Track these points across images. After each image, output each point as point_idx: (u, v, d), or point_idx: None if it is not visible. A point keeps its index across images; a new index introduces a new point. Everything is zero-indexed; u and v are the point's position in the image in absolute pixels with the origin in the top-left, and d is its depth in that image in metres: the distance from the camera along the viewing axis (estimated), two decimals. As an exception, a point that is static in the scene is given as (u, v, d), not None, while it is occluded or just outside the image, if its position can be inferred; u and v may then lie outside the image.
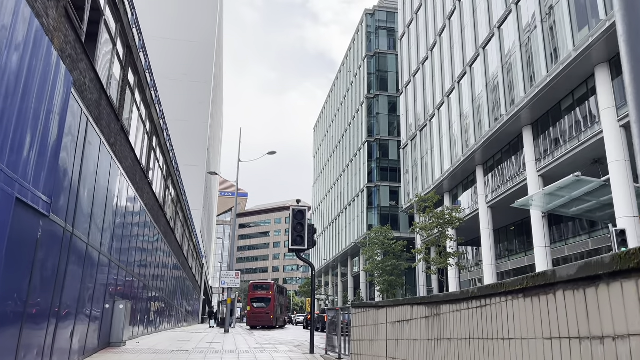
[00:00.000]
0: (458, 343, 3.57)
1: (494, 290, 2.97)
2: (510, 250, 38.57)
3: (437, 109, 42.77)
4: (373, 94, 64.93)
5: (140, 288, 15.19)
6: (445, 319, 3.92)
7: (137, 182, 13.45)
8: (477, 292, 3.20)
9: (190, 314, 39.41)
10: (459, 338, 3.56)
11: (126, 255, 12.75)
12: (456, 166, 37.61)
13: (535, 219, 28.56)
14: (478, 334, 3.20)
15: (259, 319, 40.26)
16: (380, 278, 45.49)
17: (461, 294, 3.54)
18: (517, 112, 28.72)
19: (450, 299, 3.77)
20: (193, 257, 37.75)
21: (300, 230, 10.86)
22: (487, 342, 3.06)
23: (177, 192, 23.12)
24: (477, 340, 3.22)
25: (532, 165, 28.99)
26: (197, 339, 15.77)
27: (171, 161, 20.09)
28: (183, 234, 27.85)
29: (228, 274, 22.78)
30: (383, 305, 6.16)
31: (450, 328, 3.76)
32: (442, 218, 30.64)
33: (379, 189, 61.71)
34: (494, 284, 3.05)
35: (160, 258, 19.03)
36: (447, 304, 3.84)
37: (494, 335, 3.01)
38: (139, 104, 13.34)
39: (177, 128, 50.34)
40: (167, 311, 22.84)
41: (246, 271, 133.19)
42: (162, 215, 19.03)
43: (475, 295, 3.22)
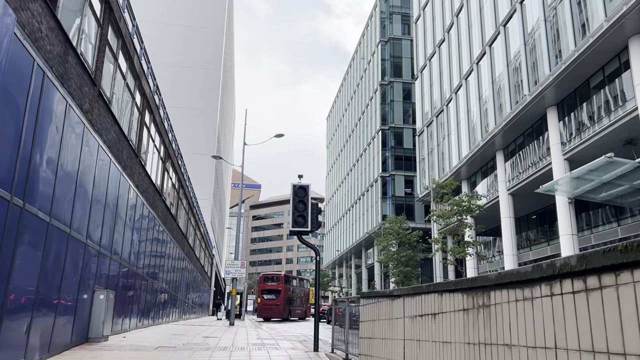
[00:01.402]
0: (527, 354, 2.12)
1: (615, 259, 1.51)
2: (531, 239, 36.75)
3: (454, 93, 40.90)
4: (387, 81, 63.08)
5: (132, 277, 13.91)
6: (499, 312, 2.47)
7: (123, 159, 12.12)
8: (578, 264, 1.74)
9: (198, 306, 38.36)
10: (528, 345, 2.12)
11: (112, 240, 11.43)
12: (475, 152, 35.81)
13: (561, 206, 26.75)
14: (579, 340, 1.74)
15: (269, 310, 39.95)
16: (395, 269, 43.97)
17: (537, 269, 2.11)
18: (541, 92, 26.85)
19: (512, 279, 2.32)
20: (201, 247, 36.60)
21: (302, 210, 9.43)
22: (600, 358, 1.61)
23: (179, 176, 21.84)
24: (572, 353, 1.76)
25: (558, 149, 27.13)
26: (194, 332, 14.49)
27: (170, 142, 18.77)
28: (188, 222, 26.62)
29: (233, 263, 21.48)
30: (399, 294, 4.70)
31: (511, 328, 2.32)
32: (461, 205, 28.95)
33: (393, 178, 60.03)
34: (611, 247, 1.58)
35: (158, 246, 17.77)
36: (505, 288, 2.39)
37: (616, 344, 1.55)
38: (124, 72, 11.97)
39: (186, 116, 49.20)
40: (169, 303, 21.65)
41: (259, 263, 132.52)
42: (160, 200, 17.74)
43: (575, 271, 1.77)
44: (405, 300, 4.51)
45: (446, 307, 3.28)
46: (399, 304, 4.65)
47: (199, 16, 52.83)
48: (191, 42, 51.69)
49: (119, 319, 12.53)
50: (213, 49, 52.21)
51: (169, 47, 50.26)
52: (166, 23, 51.32)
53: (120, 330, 12.69)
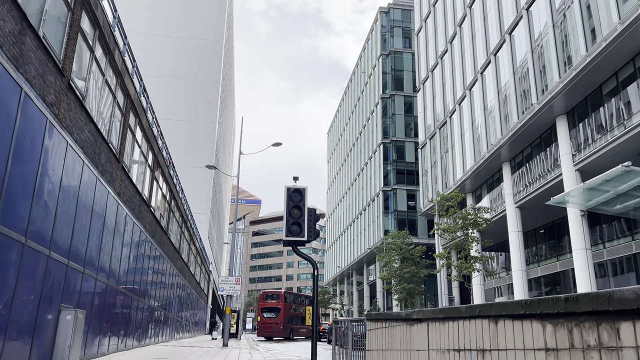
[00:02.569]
0: None
1: None
2: (539, 255, 35.37)
3: (458, 104, 39.89)
4: (388, 94, 62.27)
5: (113, 294, 12.63)
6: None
7: (101, 163, 10.94)
8: None
9: (194, 325, 36.81)
10: None
11: (85, 253, 10.19)
12: (480, 164, 34.65)
13: (573, 219, 25.47)
14: None
15: (268, 329, 39.04)
16: (398, 286, 42.47)
17: None
18: (550, 100, 25.78)
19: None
20: (196, 263, 35.22)
21: (297, 216, 8.22)
22: None
23: (170, 187, 20.64)
24: None
25: (568, 159, 25.96)
26: (180, 356, 13.15)
27: (159, 150, 17.62)
28: (181, 235, 25.33)
29: (228, 279, 20.16)
30: (421, 317, 3.47)
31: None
32: (467, 219, 27.68)
33: (395, 193, 58.81)
34: None
35: (145, 260, 16.50)
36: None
37: None
38: (102, 67, 10.86)
39: (184, 128, 48.20)
40: (159, 321, 20.27)
41: (259, 280, 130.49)
42: (148, 211, 16.52)
43: None
44: (431, 326, 3.28)
45: (508, 341, 2.09)
46: (421, 332, 3.43)
47: (198, 28, 52.22)
48: (189, 55, 50.98)
49: (95, 341, 11.22)
50: (212, 62, 51.47)
51: (167, 59, 49.52)
52: (164, 35, 50.67)
53: (96, 354, 11.37)
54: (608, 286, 27.02)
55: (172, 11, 52.09)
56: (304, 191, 8.34)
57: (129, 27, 45.14)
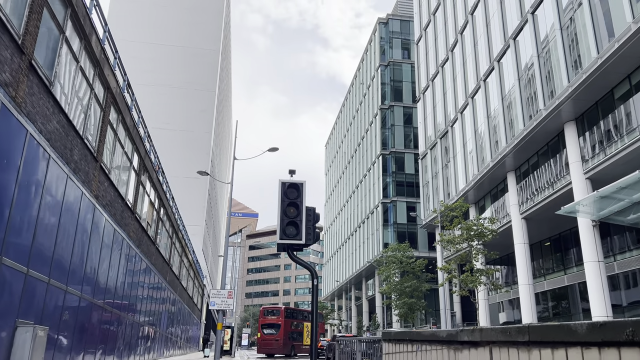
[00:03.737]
0: None
1: None
2: (545, 268, 34.07)
3: (459, 113, 38.90)
4: (387, 105, 61.39)
5: (88, 309, 11.31)
6: None
7: (73, 160, 9.73)
8: None
9: (186, 341, 35.23)
10: None
11: (51, 262, 8.92)
12: (484, 174, 33.51)
13: (584, 229, 24.26)
14: None
15: (268, 346, 38.14)
16: (398, 300, 41.01)
17: None
18: (558, 106, 24.73)
19: None
20: (189, 276, 33.79)
21: (293, 215, 7.01)
22: None
23: (159, 194, 19.38)
24: None
25: (578, 167, 24.84)
26: (163, 378, 11.79)
27: (146, 153, 16.40)
28: (171, 247, 24.00)
29: (219, 293, 18.81)
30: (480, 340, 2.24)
31: None
32: (472, 229, 26.45)
33: (394, 205, 57.56)
34: None
35: (129, 272, 15.18)
36: None
37: None
38: (76, 52, 9.70)
39: (179, 138, 47.08)
40: (145, 339, 18.86)
41: (255, 294, 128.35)
42: (133, 218, 15.25)
43: None
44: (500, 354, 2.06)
45: None
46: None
47: (194, 37, 51.39)
48: (185, 63, 50.06)
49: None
50: (208, 71, 50.55)
51: (162, 67, 48.61)
52: (159, 44, 49.80)
53: (66, 376, 10.04)
54: (620, 300, 25.72)
55: (168, 20, 51.31)
56: (301, 186, 7.14)
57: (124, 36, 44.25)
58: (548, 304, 33.38)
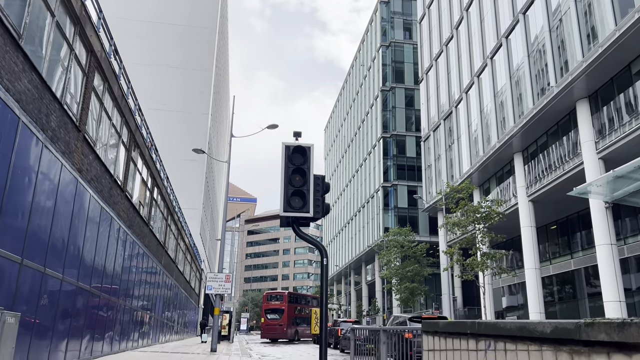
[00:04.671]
0: None
1: None
2: (551, 252, 33.24)
3: (464, 93, 37.74)
4: (389, 87, 60.06)
5: (71, 293, 10.35)
6: None
7: (51, 127, 8.67)
8: None
9: (183, 326, 34.49)
10: None
11: (24, 240, 7.92)
12: (489, 155, 32.49)
13: (596, 211, 23.33)
14: None
15: (272, 331, 38.45)
16: (400, 285, 40.26)
17: None
18: (571, 82, 23.62)
19: None
20: (186, 260, 32.90)
21: (300, 184, 5.99)
22: None
23: (152, 172, 18.33)
24: None
25: (590, 147, 23.82)
26: (154, 367, 10.89)
27: (137, 127, 15.31)
28: (166, 229, 23.03)
29: (216, 276, 17.90)
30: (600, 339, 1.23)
31: None
32: (479, 212, 25.51)
33: (395, 189, 56.60)
34: None
35: (119, 253, 14.21)
36: None
37: None
38: (52, 7, 8.58)
39: (175, 119, 45.85)
40: (139, 324, 17.97)
41: (254, 279, 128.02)
42: (123, 196, 14.22)
43: None
44: None
45: None
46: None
47: (190, 15, 49.85)
48: (181, 42, 48.62)
49: (41, 351, 8.94)
50: (205, 50, 49.13)
51: (157, 46, 47.18)
52: (154, 22, 48.29)
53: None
54: (630, 284, 24.87)
55: None
56: (308, 150, 6.11)
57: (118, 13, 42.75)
58: (553, 288, 32.61)
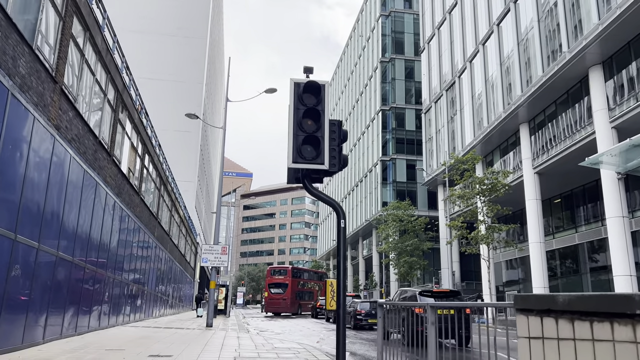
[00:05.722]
0: None
1: None
2: (555, 226, 32.50)
3: (468, 62, 36.40)
4: (388, 58, 58.41)
5: (50, 265, 9.34)
6: None
7: (18, 72, 7.52)
8: None
9: (178, 300, 33.79)
10: None
11: None
12: (494, 126, 31.41)
13: (608, 182, 22.42)
14: None
15: (275, 305, 39.08)
16: (398, 259, 39.62)
17: None
18: (585, 47, 22.40)
19: None
20: (181, 233, 31.98)
21: (312, 129, 4.91)
22: None
23: (143, 138, 17.16)
24: None
25: (603, 115, 22.77)
26: (144, 344, 9.97)
27: (125, 87, 14.09)
28: (160, 199, 21.97)
29: (212, 248, 16.97)
30: None
31: None
32: (485, 184, 24.56)
33: (394, 163, 55.54)
34: None
35: (108, 224, 13.17)
36: None
37: None
38: None
39: (168, 89, 44.36)
40: (130, 298, 17.08)
41: (250, 254, 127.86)
42: (110, 161, 13.10)
43: None
44: None
45: None
46: None
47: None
48: (173, 9, 46.70)
49: (17, 326, 7.97)
50: (198, 17, 47.28)
51: (148, 13, 45.31)
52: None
53: (20, 343, 8.13)
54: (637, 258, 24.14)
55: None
56: (322, 89, 5.02)
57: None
58: (556, 262, 31.98)
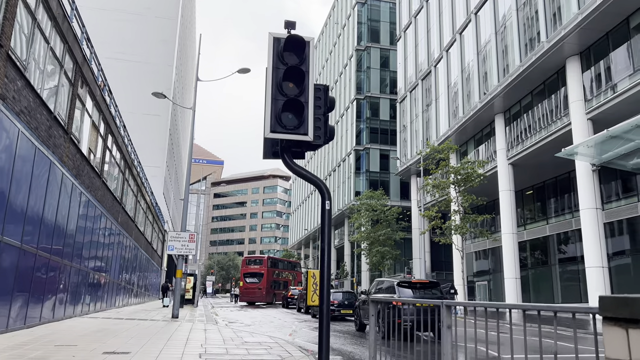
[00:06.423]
0: None
1: None
2: (526, 217, 32.66)
3: (444, 51, 36.06)
4: (363, 46, 57.79)
5: (7, 253, 8.33)
6: None
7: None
8: None
9: (144, 289, 32.60)
10: None
11: None
12: (469, 116, 31.19)
13: (582, 174, 22.42)
14: None
15: (251, 295, 39.38)
16: (371, 248, 39.33)
17: None
18: (564, 37, 22.20)
19: None
20: (147, 219, 30.74)
21: (294, 92, 4.13)
22: None
23: (105, 116, 16.01)
24: None
25: (580, 106, 22.69)
26: (103, 338, 9.08)
27: (86, 59, 12.96)
28: (124, 183, 20.80)
29: (179, 236, 16.05)
30: None
31: None
32: (460, 173, 24.26)
33: (368, 152, 55.17)
34: None
35: (62, 206, 12.12)
36: None
37: None
38: None
39: (136, 70, 42.60)
40: (90, 287, 16.02)
41: (220, 242, 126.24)
42: (66, 139, 12.01)
43: None
44: None
45: None
46: None
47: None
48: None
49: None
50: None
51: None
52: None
53: None
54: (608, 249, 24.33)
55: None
56: (307, 45, 4.26)
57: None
58: (527, 253, 32.18)
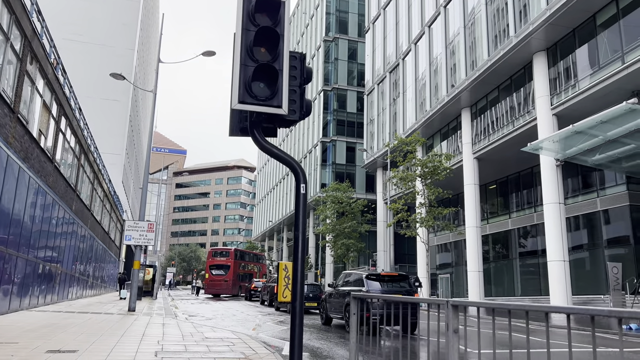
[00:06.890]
0: None
1: None
2: (490, 212, 33.10)
3: (413, 44, 35.97)
4: (332, 37, 57.26)
5: None
6: None
7: None
8: None
9: (100, 281, 31.30)
10: None
11: None
12: (436, 110, 31.22)
13: (547, 169, 22.70)
14: None
15: (217, 287, 39.36)
16: (337, 241, 39.11)
17: None
18: (531, 32, 22.33)
19: None
20: (104, 208, 29.42)
21: (267, 59, 3.60)
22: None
23: (58, 97, 14.93)
24: None
25: (545, 102, 22.94)
26: (48, 335, 8.32)
27: (36, 32, 11.93)
28: (78, 169, 19.66)
29: (137, 225, 15.21)
30: None
31: None
32: (427, 166, 24.19)
33: (334, 144, 54.83)
34: None
35: (10, 193, 11.16)
36: None
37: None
38: None
39: (95, 53, 40.77)
40: (40, 279, 15.00)
41: (182, 234, 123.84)
42: (14, 120, 11.03)
43: None
44: None
45: None
46: None
47: None
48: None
49: None
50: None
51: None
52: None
53: None
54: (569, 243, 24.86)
55: None
56: (282, 6, 3.74)
57: None
58: (489, 246, 32.64)
